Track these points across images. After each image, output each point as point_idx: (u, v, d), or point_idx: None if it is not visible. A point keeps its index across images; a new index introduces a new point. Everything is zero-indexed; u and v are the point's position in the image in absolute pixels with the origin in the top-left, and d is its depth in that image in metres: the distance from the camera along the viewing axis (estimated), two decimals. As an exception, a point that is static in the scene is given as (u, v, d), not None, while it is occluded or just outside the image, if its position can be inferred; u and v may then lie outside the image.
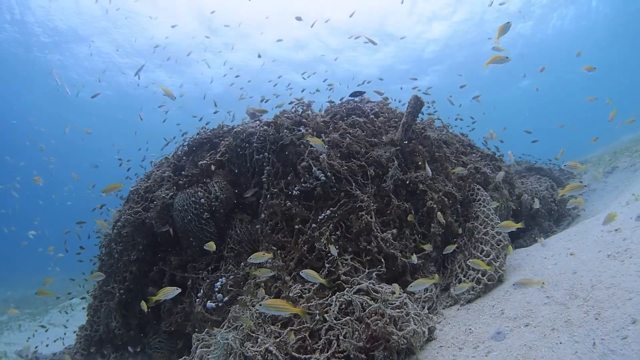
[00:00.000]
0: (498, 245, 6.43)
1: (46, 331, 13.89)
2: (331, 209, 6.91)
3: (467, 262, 6.14)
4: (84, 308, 16.65)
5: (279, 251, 6.81)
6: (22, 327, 15.78)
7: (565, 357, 3.60)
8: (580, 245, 6.04)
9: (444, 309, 6.11)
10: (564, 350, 3.69)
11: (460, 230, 7.27)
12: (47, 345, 11.54)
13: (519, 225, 6.24)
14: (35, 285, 24.93)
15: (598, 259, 5.19)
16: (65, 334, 12.94)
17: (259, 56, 26.62)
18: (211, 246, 6.64)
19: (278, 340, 5.04)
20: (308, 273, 5.47)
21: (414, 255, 6.57)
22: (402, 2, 26.68)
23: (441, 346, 4.87)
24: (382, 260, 6.48)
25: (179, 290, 5.61)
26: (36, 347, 11.30)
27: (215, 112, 14.67)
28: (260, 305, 4.75)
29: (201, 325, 6.91)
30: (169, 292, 5.53)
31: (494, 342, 4.45)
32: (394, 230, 6.81)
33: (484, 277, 6.02)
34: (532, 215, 10.29)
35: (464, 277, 6.39)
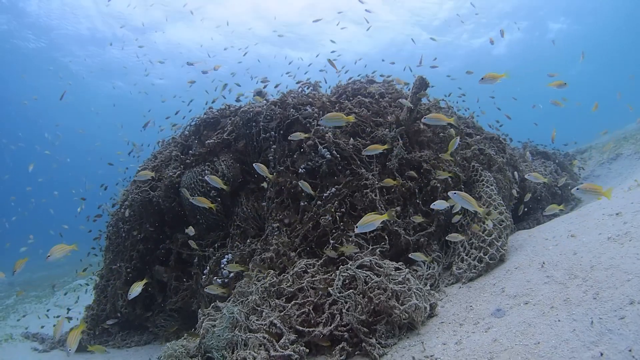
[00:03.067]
0: (500, 225, 6.49)
1: (47, 311, 13.99)
2: (336, 186, 6.98)
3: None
4: (87, 284, 16.76)
5: (284, 228, 6.89)
6: (28, 309, 15.83)
7: (564, 334, 3.65)
8: (581, 228, 6.06)
9: (446, 286, 6.17)
10: (562, 328, 3.74)
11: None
12: (54, 325, 11.62)
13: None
14: (39, 269, 25.01)
15: (598, 241, 5.20)
16: (68, 311, 13.02)
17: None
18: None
19: (282, 313, 5.14)
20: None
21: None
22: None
23: (442, 322, 4.94)
24: (386, 237, 6.55)
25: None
26: (42, 327, 11.44)
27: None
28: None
29: (207, 302, 7.00)
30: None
31: (494, 318, 4.51)
32: (398, 208, 6.87)
33: (486, 257, 6.08)
34: (535, 199, 10.34)
35: (467, 256, 6.44)
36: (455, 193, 5.48)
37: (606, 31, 51.07)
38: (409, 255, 5.94)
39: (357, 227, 5.22)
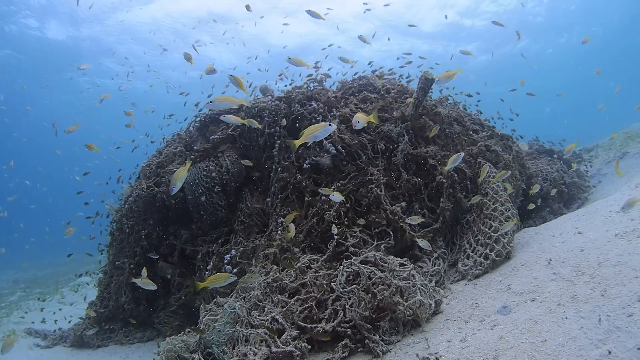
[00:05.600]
0: (507, 221, 6.44)
1: (53, 312, 14.00)
2: (341, 181, 6.96)
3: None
4: (88, 283, 16.80)
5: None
6: (31, 306, 15.86)
7: (571, 331, 3.60)
8: (589, 225, 6.03)
9: (451, 283, 6.16)
10: (570, 325, 3.70)
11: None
12: (55, 321, 11.64)
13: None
14: (45, 267, 25.05)
15: (605, 238, 5.17)
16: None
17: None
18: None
19: (285, 309, 5.10)
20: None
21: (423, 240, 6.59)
22: None
23: (447, 319, 4.90)
24: (391, 233, 6.53)
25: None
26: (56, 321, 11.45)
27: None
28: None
29: (210, 298, 6.98)
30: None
31: (499, 316, 4.47)
32: (403, 204, 6.85)
33: (492, 253, 6.04)
34: (542, 197, 10.28)
35: (472, 253, 6.41)
36: None
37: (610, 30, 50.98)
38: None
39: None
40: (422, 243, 6.36)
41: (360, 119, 5.79)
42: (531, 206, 8.91)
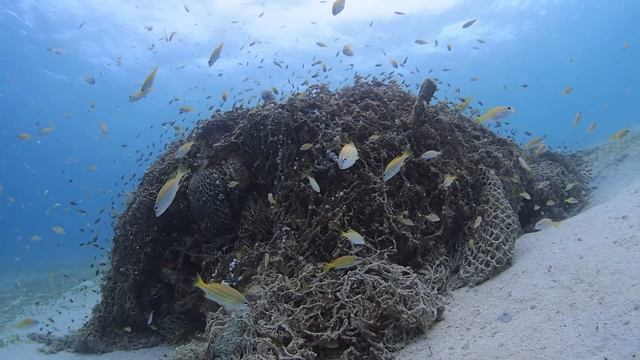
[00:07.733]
0: (507, 228, 6.51)
1: (59, 313, 14.04)
2: (344, 190, 6.99)
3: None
4: (94, 291, 16.83)
5: (292, 231, 6.91)
6: (35, 310, 15.85)
7: (569, 339, 3.66)
8: (588, 231, 6.07)
9: (453, 290, 6.20)
10: (568, 333, 3.76)
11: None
12: (52, 323, 11.68)
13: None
14: (47, 270, 25.05)
15: (604, 245, 5.22)
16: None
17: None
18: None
19: (291, 317, 5.17)
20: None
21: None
22: None
23: (449, 326, 4.96)
24: (394, 241, 6.56)
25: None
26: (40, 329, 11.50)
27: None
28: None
29: (215, 306, 7.04)
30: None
31: (500, 323, 4.54)
32: (406, 212, 6.87)
33: (493, 260, 6.10)
34: (542, 201, 10.33)
35: (474, 259, 6.46)
36: None
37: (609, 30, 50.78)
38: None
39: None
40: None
41: (349, 155, 5.49)
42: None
